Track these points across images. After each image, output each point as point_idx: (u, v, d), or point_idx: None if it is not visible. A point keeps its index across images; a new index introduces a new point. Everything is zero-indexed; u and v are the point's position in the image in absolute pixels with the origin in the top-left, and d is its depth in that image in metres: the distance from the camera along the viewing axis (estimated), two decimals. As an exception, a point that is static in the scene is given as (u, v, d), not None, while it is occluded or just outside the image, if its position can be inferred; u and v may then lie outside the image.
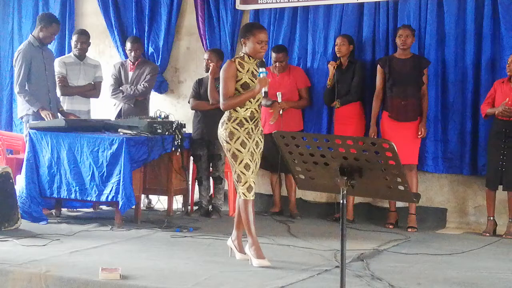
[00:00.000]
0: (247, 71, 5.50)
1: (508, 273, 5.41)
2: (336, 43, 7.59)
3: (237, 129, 5.45)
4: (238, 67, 5.48)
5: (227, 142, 5.48)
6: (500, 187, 6.96)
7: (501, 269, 5.52)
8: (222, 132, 5.54)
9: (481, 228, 7.18)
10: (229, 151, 5.48)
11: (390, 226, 7.26)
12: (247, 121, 5.50)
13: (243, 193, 5.49)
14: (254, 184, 5.53)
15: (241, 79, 5.48)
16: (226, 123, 5.52)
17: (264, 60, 5.52)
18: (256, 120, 5.55)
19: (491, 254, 6.15)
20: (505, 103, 6.79)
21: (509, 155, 6.85)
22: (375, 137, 7.19)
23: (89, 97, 8.07)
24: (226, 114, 5.55)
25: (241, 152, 5.44)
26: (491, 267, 5.58)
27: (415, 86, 7.25)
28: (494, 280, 5.16)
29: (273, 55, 7.75)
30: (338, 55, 7.60)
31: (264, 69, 5.44)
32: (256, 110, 5.54)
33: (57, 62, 8.02)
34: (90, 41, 8.10)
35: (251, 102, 5.50)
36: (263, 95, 5.51)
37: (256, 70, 5.49)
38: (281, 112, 7.52)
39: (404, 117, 7.23)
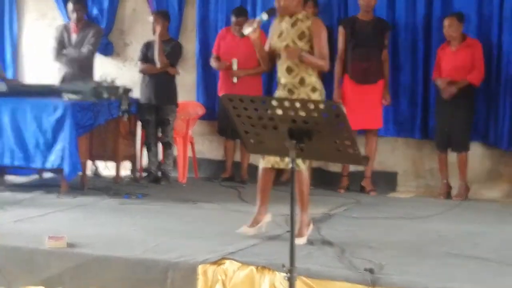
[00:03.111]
0: None
1: (458, 235, 5.48)
2: None
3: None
4: None
5: None
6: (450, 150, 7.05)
7: (451, 231, 5.58)
8: None
9: (433, 191, 7.27)
10: None
11: (342, 191, 7.27)
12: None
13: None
14: None
15: None
16: None
17: (273, 8, 5.07)
18: (284, 86, 5.13)
19: (441, 217, 6.21)
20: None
21: (456, 117, 6.90)
22: (340, 101, 7.11)
23: None
24: None
25: None
26: (441, 230, 5.64)
27: (377, 49, 7.19)
28: (444, 242, 5.22)
29: (233, 18, 7.54)
30: None
31: (264, 15, 5.02)
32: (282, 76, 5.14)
33: None
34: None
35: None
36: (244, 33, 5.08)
37: None
38: (235, 80, 7.43)
39: (365, 79, 7.17)
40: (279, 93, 5.14)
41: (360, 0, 7.18)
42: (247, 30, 5.01)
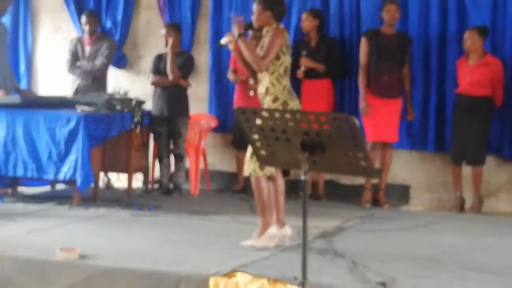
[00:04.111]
0: None
1: (471, 249, 5.43)
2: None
3: None
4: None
5: None
6: (464, 163, 7.01)
7: (464, 245, 5.54)
8: None
9: (445, 205, 7.23)
10: None
11: (368, 205, 7.17)
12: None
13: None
14: None
15: None
16: None
17: (250, 22, 5.33)
18: (260, 96, 5.34)
19: (455, 230, 6.17)
20: None
21: (473, 130, 6.86)
22: (368, 109, 7.06)
23: None
24: None
25: None
26: (454, 243, 5.60)
27: (399, 63, 7.15)
28: (458, 256, 5.17)
29: (249, 32, 7.54)
30: (303, 30, 7.49)
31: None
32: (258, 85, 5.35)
33: None
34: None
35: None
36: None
37: None
38: (251, 93, 7.42)
39: (386, 93, 7.11)
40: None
41: (385, 14, 7.13)
42: (223, 40, 5.31)
